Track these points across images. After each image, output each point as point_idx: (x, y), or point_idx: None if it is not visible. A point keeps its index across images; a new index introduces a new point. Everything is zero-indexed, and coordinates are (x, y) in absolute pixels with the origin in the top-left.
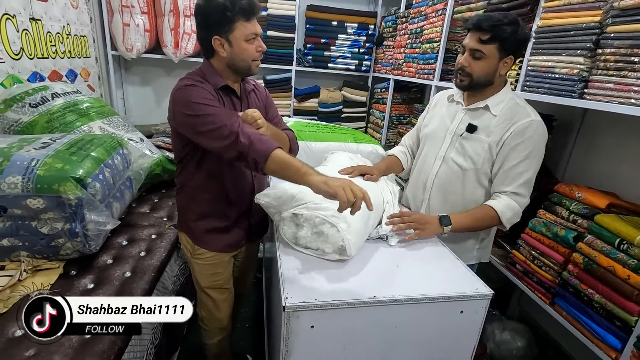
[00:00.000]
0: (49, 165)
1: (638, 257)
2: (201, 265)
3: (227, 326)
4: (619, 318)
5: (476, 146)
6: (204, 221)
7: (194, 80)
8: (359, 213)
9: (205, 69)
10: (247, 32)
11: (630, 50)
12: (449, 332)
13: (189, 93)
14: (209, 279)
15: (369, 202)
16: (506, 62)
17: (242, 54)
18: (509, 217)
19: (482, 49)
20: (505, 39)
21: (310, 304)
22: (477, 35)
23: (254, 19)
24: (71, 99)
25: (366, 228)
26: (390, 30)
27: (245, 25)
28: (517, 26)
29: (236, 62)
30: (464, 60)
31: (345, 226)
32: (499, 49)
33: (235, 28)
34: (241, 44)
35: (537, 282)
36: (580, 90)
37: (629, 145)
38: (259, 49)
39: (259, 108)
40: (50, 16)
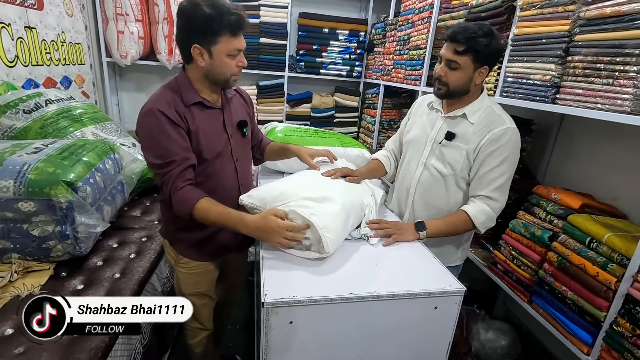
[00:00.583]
0: (41, 170)
1: (606, 254)
2: (185, 274)
3: (207, 326)
4: (590, 314)
5: (454, 153)
6: (187, 233)
7: (164, 103)
8: (337, 212)
9: (181, 81)
10: (230, 48)
11: (596, 57)
12: (425, 328)
13: (149, 122)
14: (192, 287)
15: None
16: (481, 72)
17: (221, 67)
18: (482, 220)
19: (457, 60)
20: (479, 50)
21: (289, 300)
22: (452, 46)
23: (240, 34)
24: (64, 105)
25: (345, 227)
26: (380, 37)
27: (230, 40)
28: (491, 38)
29: (214, 74)
30: (441, 70)
31: (323, 224)
32: (473, 60)
33: (219, 41)
34: (222, 57)
35: (516, 281)
36: (552, 95)
37: (602, 149)
38: (239, 64)
39: (242, 114)
40: (45, 24)
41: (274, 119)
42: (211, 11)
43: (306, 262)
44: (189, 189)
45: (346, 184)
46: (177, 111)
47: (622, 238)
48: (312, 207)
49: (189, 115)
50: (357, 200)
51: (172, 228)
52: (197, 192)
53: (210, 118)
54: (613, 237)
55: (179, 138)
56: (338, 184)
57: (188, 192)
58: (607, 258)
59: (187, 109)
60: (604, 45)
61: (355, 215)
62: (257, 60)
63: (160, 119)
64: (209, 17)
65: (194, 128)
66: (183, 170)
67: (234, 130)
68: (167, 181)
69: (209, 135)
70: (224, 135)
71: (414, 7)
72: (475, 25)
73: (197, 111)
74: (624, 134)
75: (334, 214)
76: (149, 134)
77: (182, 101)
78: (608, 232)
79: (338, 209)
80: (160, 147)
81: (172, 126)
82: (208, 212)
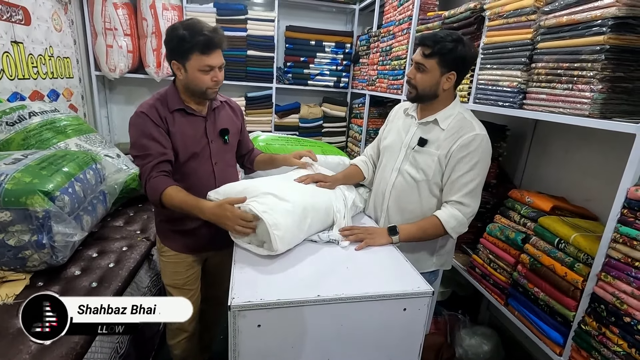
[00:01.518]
0: (18, 179)
1: (573, 255)
2: (165, 262)
3: (187, 328)
4: (560, 314)
5: (427, 159)
6: (168, 223)
7: (149, 107)
8: (291, 212)
9: (170, 92)
10: (201, 64)
11: (557, 64)
12: (394, 330)
13: (134, 123)
14: (170, 277)
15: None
16: (449, 77)
17: (195, 81)
18: (453, 225)
19: (425, 63)
20: (444, 54)
21: (256, 304)
22: (422, 49)
23: (212, 52)
24: (48, 117)
25: (301, 228)
26: (364, 49)
27: (201, 57)
28: (458, 44)
29: (191, 87)
30: (410, 73)
31: (273, 222)
32: (439, 64)
33: (191, 58)
34: (195, 73)
35: (493, 284)
36: (520, 101)
37: (574, 153)
38: (214, 79)
39: (228, 124)
40: (32, 39)
41: (263, 130)
42: (184, 32)
43: (277, 266)
44: (161, 178)
45: (314, 188)
46: (158, 114)
47: (587, 238)
48: (267, 204)
49: (170, 119)
50: (321, 204)
51: (159, 219)
52: (168, 180)
53: (191, 124)
54: (579, 237)
55: (158, 136)
56: (305, 187)
57: (159, 181)
58: (574, 258)
59: (169, 114)
60: (563, 52)
61: (317, 219)
62: (245, 72)
63: (143, 119)
64: (181, 37)
65: (173, 130)
66: (158, 163)
67: (216, 137)
68: (144, 172)
69: (186, 138)
70: (203, 140)
71: (394, 19)
72: (446, 32)
73: (179, 116)
74: (593, 138)
75: (287, 213)
76: (133, 132)
77: (167, 107)
78: (575, 232)
79: (292, 208)
80: (140, 143)
81: (153, 126)
82: (173, 198)
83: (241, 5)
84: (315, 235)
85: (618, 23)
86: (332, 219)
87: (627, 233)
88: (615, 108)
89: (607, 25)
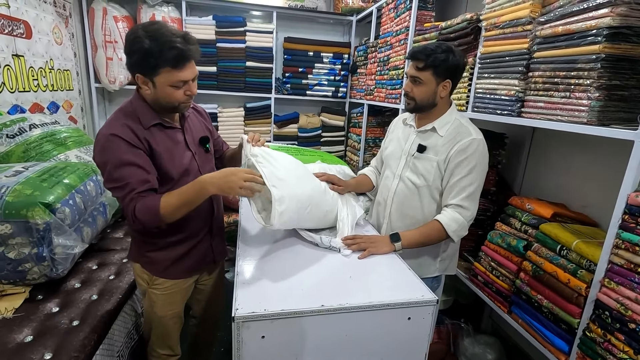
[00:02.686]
0: (19, 192)
1: (575, 261)
2: (159, 295)
3: (176, 351)
4: (564, 321)
5: (426, 165)
6: (163, 252)
7: (120, 126)
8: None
9: (137, 104)
10: (173, 80)
11: (554, 72)
12: (399, 340)
13: (105, 148)
14: (167, 308)
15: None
16: (444, 85)
17: (166, 97)
18: (454, 229)
19: (420, 76)
20: (437, 65)
21: (260, 314)
22: (414, 64)
23: (185, 66)
24: (49, 130)
25: (299, 215)
26: (362, 59)
27: (172, 72)
28: (449, 54)
29: (161, 102)
30: (407, 86)
31: (279, 196)
32: (433, 74)
33: (160, 73)
34: (165, 88)
35: (495, 291)
36: (517, 109)
37: (572, 159)
38: (187, 93)
39: (202, 130)
40: (33, 52)
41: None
42: (150, 45)
43: (280, 275)
44: (147, 198)
45: (326, 188)
46: (134, 133)
47: (589, 244)
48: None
49: (150, 137)
50: (324, 204)
51: (145, 250)
52: (155, 195)
53: (171, 137)
54: (581, 244)
55: (138, 160)
56: (318, 181)
57: (147, 200)
58: (577, 264)
59: (147, 131)
60: (559, 61)
61: (314, 214)
62: (244, 82)
63: (117, 143)
64: (146, 52)
65: (158, 149)
66: (140, 192)
67: (197, 147)
68: (127, 205)
69: (174, 154)
70: (187, 153)
71: (391, 30)
72: (434, 44)
73: (158, 132)
74: (591, 145)
75: (294, 196)
76: (106, 159)
77: (141, 123)
78: (576, 239)
79: (301, 193)
80: (117, 173)
81: (129, 149)
82: (169, 201)
83: (240, 18)
84: (318, 236)
85: (613, 32)
86: (328, 222)
87: (629, 239)
88: (613, 115)
89: (602, 35)
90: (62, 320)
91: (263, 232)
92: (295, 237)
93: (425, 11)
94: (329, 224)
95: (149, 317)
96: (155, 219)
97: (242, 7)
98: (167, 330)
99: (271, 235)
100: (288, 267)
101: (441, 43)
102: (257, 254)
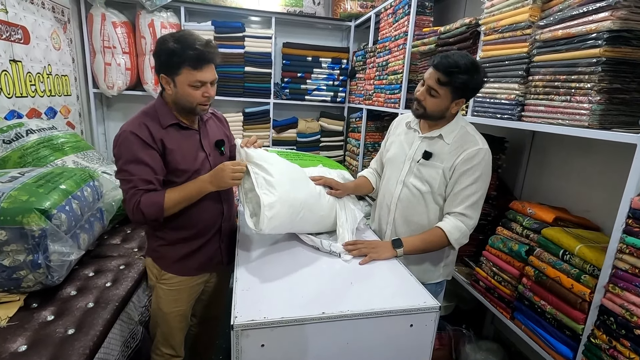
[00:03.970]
0: (14, 198)
1: (578, 266)
2: (166, 290)
3: (179, 352)
4: (569, 327)
5: (432, 172)
6: (173, 247)
7: (138, 125)
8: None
9: (159, 106)
10: (192, 79)
11: (554, 76)
12: (402, 347)
13: (121, 143)
14: (172, 305)
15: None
16: (458, 103)
17: (185, 96)
18: (456, 237)
19: (438, 89)
20: (457, 86)
21: (259, 322)
22: (436, 75)
23: (203, 68)
24: (46, 135)
25: (292, 219)
26: (361, 64)
27: (192, 72)
28: (473, 75)
29: (180, 102)
30: (421, 94)
31: (268, 202)
32: (452, 92)
33: (181, 73)
34: (185, 88)
35: (498, 297)
36: (518, 113)
37: (573, 163)
38: (205, 95)
39: (220, 134)
40: (31, 58)
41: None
42: (175, 46)
43: (279, 282)
44: (152, 193)
45: (321, 192)
46: (151, 133)
47: (592, 249)
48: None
49: (165, 136)
50: (319, 209)
51: (157, 244)
52: (160, 191)
53: (187, 138)
54: (584, 249)
55: (149, 160)
56: (314, 186)
57: (152, 195)
58: (580, 269)
59: (164, 131)
60: (559, 65)
61: (310, 217)
62: (242, 88)
63: (132, 140)
64: (170, 51)
65: (171, 147)
66: (144, 189)
67: (212, 150)
68: (129, 199)
69: (186, 154)
70: (201, 154)
71: (390, 35)
72: (461, 57)
73: (174, 132)
74: (591, 148)
75: (282, 201)
76: (120, 153)
77: (159, 123)
78: (579, 243)
79: (293, 198)
80: (127, 167)
81: (143, 148)
82: (172, 197)
83: (239, 23)
84: (318, 240)
85: (613, 36)
86: (325, 226)
87: (633, 243)
88: (614, 119)
89: (602, 39)
90: (57, 329)
91: (262, 237)
92: (296, 242)
93: (424, 16)
94: (326, 228)
95: (155, 313)
96: (158, 212)
97: (241, 13)
98: (171, 328)
99: (271, 241)
100: (288, 273)
101: (467, 57)
102: (257, 260)
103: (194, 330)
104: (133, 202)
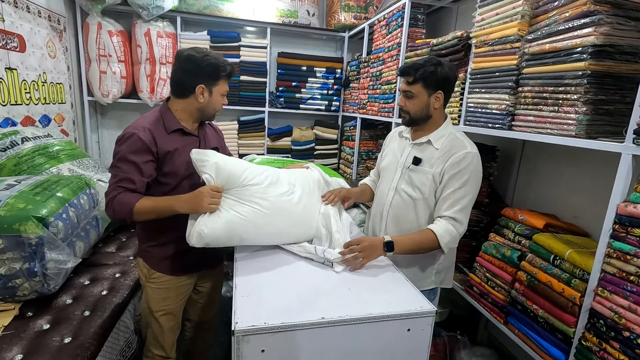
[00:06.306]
0: (11, 206)
1: (569, 270)
2: (154, 289)
3: (170, 354)
4: (560, 331)
5: (422, 177)
6: (161, 248)
7: (143, 129)
8: (231, 218)
9: (164, 112)
10: (224, 89)
11: (542, 88)
12: (399, 352)
13: (125, 141)
14: (160, 304)
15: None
16: (437, 97)
17: (215, 103)
18: (447, 241)
19: (411, 89)
20: (426, 77)
21: (260, 328)
22: (405, 79)
23: (230, 79)
24: (41, 143)
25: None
26: (355, 74)
27: (225, 83)
28: (437, 66)
29: (208, 109)
30: (401, 101)
31: (208, 216)
32: (424, 87)
33: (219, 84)
34: (217, 96)
35: (491, 302)
36: (508, 123)
37: (561, 171)
38: (224, 102)
39: (215, 144)
40: (26, 66)
41: (255, 153)
42: (216, 61)
43: (278, 288)
44: (129, 193)
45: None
46: (153, 137)
47: (581, 254)
48: (229, 198)
49: (167, 140)
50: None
51: (147, 245)
52: (137, 195)
53: (188, 143)
54: (573, 254)
55: (140, 163)
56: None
57: (127, 195)
58: (570, 274)
59: (167, 135)
60: (547, 77)
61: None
62: (238, 96)
63: (133, 142)
64: (215, 65)
65: (172, 149)
66: (125, 187)
67: None
68: (109, 193)
69: (185, 156)
70: None
71: (383, 46)
72: (423, 58)
73: (177, 136)
74: (579, 157)
75: (221, 215)
76: (119, 150)
77: (164, 128)
78: (569, 248)
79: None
80: (121, 164)
81: (141, 151)
82: (145, 205)
83: (234, 33)
84: (312, 247)
85: (597, 50)
86: (309, 236)
87: (620, 248)
88: (600, 129)
89: (587, 52)
90: (53, 338)
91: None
92: None
93: (417, 28)
94: (303, 238)
95: (145, 313)
96: (127, 214)
97: (236, 23)
98: (160, 328)
99: (269, 248)
100: (287, 280)
101: (430, 57)
102: (256, 267)
103: (188, 335)
104: (109, 197)
